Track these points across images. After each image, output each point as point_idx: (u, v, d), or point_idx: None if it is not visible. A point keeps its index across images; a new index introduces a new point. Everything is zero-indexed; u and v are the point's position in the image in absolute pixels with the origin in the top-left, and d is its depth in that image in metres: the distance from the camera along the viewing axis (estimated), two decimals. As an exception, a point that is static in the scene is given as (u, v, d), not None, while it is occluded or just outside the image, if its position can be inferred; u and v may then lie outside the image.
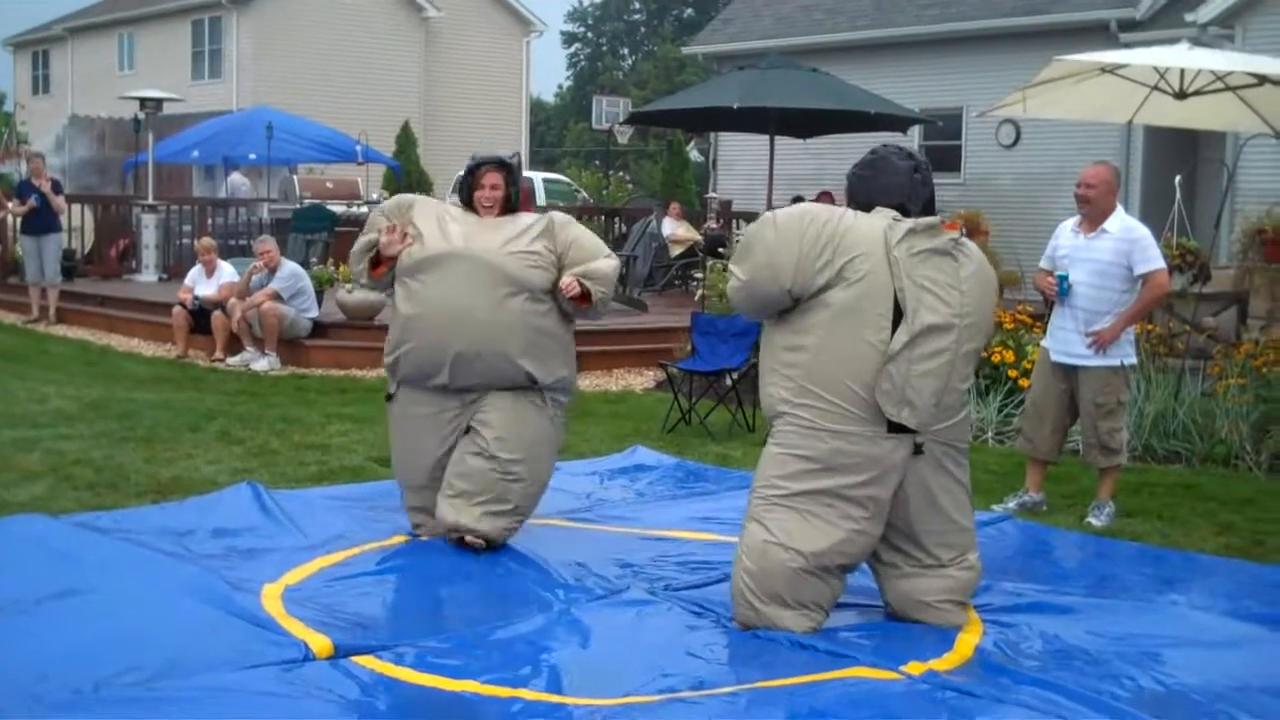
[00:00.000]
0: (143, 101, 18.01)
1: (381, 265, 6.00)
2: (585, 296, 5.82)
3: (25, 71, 42.20)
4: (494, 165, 6.03)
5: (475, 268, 5.74)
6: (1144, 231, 6.86)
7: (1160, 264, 6.82)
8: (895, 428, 4.75)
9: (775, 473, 4.80)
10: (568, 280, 5.77)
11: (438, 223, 5.91)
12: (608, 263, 5.93)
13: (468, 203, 6.06)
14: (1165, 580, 5.76)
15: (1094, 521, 6.86)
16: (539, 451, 5.93)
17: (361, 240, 6.11)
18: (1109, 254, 6.74)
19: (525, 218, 5.99)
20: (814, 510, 4.74)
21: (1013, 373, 9.24)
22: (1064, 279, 6.79)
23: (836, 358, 4.73)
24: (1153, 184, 17.20)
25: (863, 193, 5.03)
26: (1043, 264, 7.15)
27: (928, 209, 4.97)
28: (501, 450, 5.79)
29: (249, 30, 32.73)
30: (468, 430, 5.88)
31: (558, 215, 6.05)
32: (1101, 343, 6.74)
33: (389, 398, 6.13)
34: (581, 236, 5.99)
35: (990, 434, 8.97)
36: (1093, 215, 6.82)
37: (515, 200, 6.06)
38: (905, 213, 4.89)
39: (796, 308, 4.82)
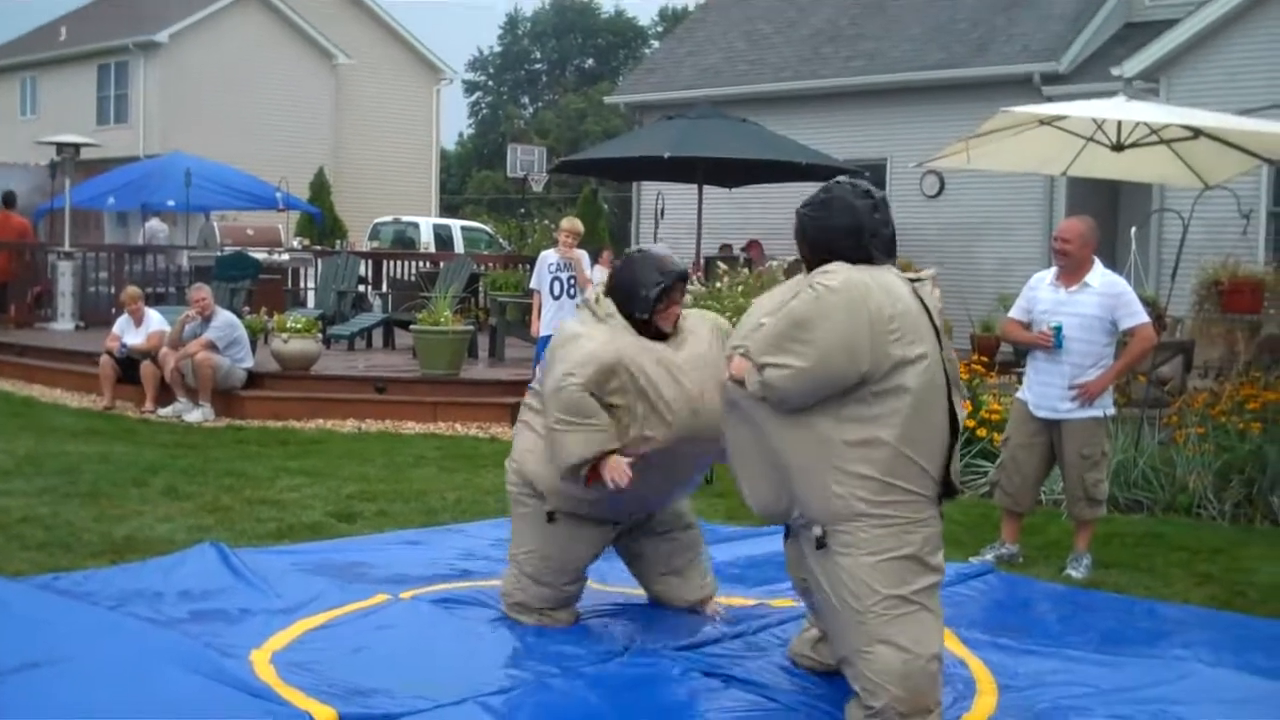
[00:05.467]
0: (59, 147, 17.56)
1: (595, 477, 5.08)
2: None
3: (-80, 115, 41.16)
4: (684, 278, 5.31)
5: (700, 445, 5.16)
6: (1126, 286, 6.91)
7: (1145, 317, 6.84)
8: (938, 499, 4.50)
9: (881, 583, 4.28)
10: None
11: (652, 389, 5.04)
12: None
13: (645, 318, 5.18)
14: (1165, 634, 5.70)
15: (1073, 573, 6.82)
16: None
17: (585, 437, 4.99)
18: (1093, 308, 6.74)
19: (700, 333, 5.29)
20: (926, 605, 4.37)
21: (970, 423, 9.20)
22: (1059, 330, 6.76)
23: (917, 446, 4.30)
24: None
25: (818, 234, 4.51)
26: (1015, 315, 7.13)
27: (889, 252, 4.54)
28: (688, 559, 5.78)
29: (156, 75, 32.25)
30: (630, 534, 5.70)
31: (720, 325, 5.40)
32: (1089, 395, 6.73)
33: (550, 517, 5.40)
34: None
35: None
36: (1071, 268, 6.82)
37: None
38: (869, 258, 4.46)
39: (854, 395, 4.27)
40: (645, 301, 5.14)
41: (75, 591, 5.73)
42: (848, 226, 4.46)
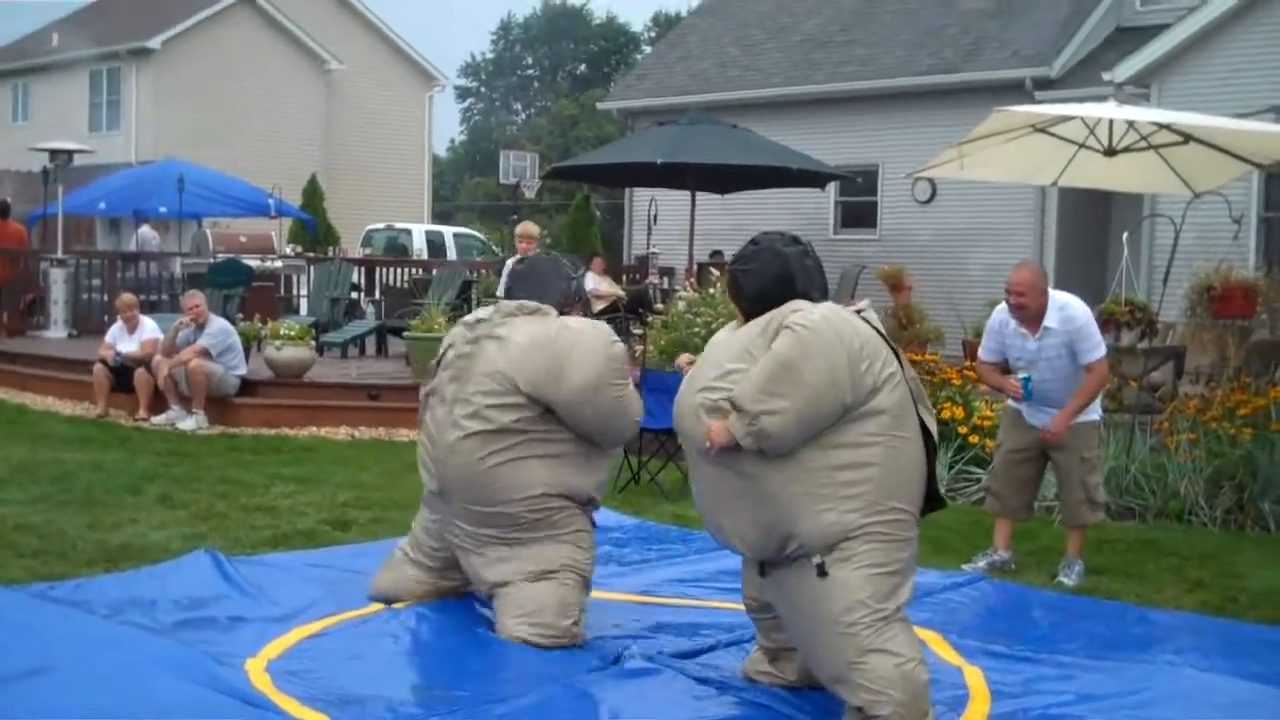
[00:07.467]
0: (52, 153, 17.54)
1: None
2: None
3: (-89, 122, 41.06)
4: None
5: None
6: (1083, 315, 6.77)
7: (1101, 350, 6.79)
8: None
9: (872, 596, 4.36)
10: None
11: None
12: None
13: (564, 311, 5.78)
14: (1156, 640, 5.73)
15: (1066, 580, 6.84)
16: None
17: (635, 398, 5.68)
18: (1060, 349, 6.74)
19: None
20: (904, 617, 4.50)
21: (962, 429, 9.24)
22: (1028, 381, 6.79)
23: (902, 464, 4.44)
24: (1068, 240, 17.54)
25: (755, 287, 4.63)
26: (986, 356, 7.11)
27: (824, 292, 4.68)
28: None
29: (149, 81, 32.22)
30: None
31: None
32: (1058, 435, 6.78)
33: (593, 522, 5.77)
34: None
35: (942, 491, 8.92)
36: (1029, 318, 6.77)
37: None
38: (808, 299, 4.59)
39: (837, 423, 4.38)
40: (565, 295, 5.78)
41: (70, 600, 5.74)
42: (780, 274, 4.61)
